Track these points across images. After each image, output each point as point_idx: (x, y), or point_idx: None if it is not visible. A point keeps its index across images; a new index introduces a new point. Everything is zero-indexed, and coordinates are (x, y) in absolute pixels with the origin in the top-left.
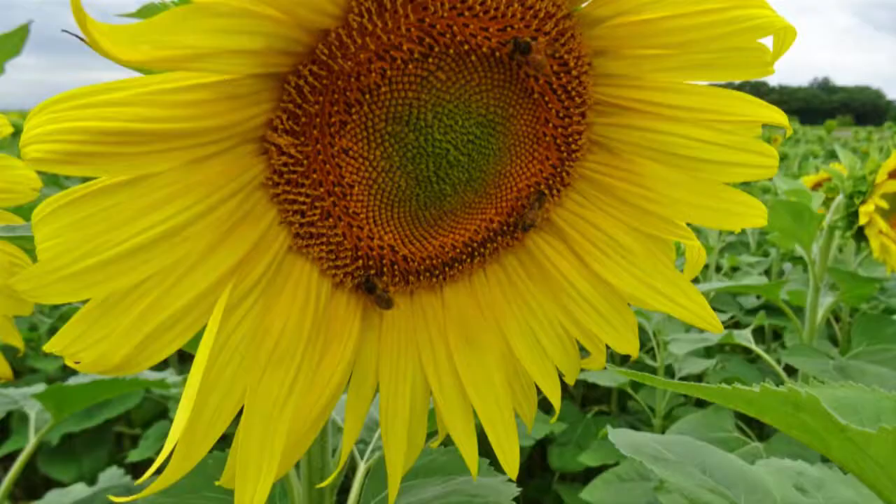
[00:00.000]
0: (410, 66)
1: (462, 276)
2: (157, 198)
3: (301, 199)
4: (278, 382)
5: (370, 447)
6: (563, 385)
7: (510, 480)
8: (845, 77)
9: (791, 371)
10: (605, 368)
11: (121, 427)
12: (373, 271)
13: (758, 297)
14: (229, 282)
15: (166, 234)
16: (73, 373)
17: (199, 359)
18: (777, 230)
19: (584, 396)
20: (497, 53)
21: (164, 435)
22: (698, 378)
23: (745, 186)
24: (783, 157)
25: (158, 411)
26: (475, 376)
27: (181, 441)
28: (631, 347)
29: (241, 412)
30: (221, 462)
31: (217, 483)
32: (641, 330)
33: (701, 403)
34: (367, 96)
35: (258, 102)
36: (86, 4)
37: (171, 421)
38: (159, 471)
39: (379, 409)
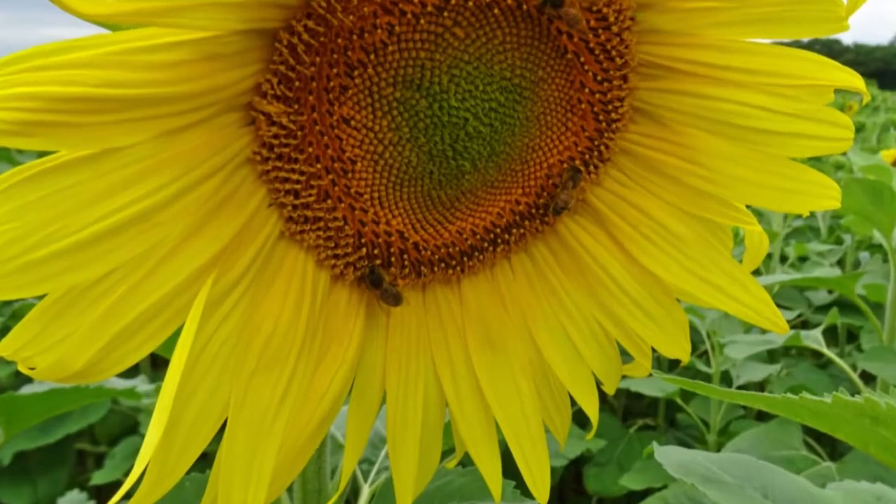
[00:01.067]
0: (422, 21)
1: (483, 267)
2: (125, 175)
3: (294, 177)
4: (268, 391)
5: (375, 467)
6: (602, 395)
7: None
8: None
9: (868, 378)
10: (651, 375)
11: (83, 444)
12: (378, 261)
13: (829, 291)
14: (210, 274)
15: (137, 218)
16: (28, 380)
17: (176, 363)
18: (852, 213)
19: (626, 408)
20: (524, 6)
21: (134, 453)
22: (760, 387)
23: (815, 162)
24: (859, 128)
25: (127, 426)
26: (498, 384)
27: (154, 460)
28: (681, 350)
29: (224, 426)
30: (201, 485)
31: None
32: (693, 330)
33: (763, 416)
34: (372, 57)
35: (244, 64)
36: None
37: (141, 437)
38: (128, 495)
39: (386, 422)
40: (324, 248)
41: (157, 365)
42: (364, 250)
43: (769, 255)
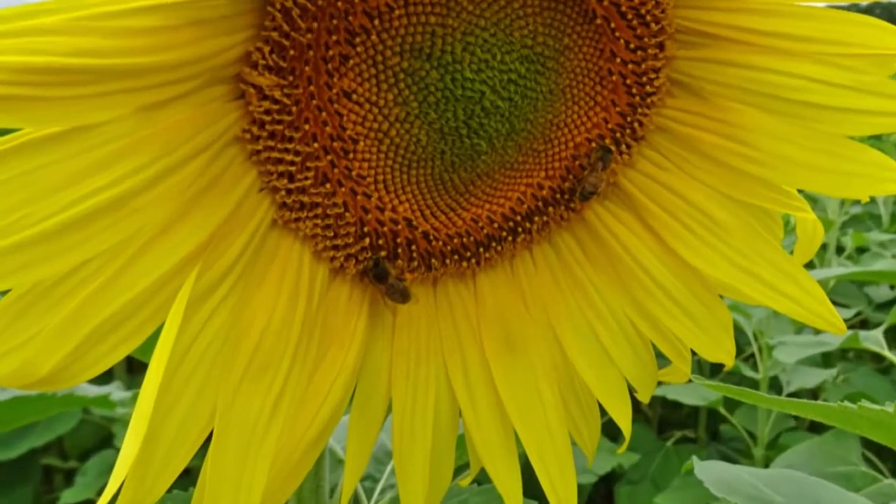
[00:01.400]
0: None
1: (501, 259)
2: (98, 156)
3: (288, 157)
4: (259, 398)
5: (380, 485)
6: (635, 403)
7: None
8: None
9: None
10: (691, 381)
11: (50, 459)
12: (384, 253)
13: (892, 287)
14: (194, 267)
15: (111, 205)
16: None
17: (155, 368)
18: None
19: (662, 418)
20: None
21: (109, 469)
22: (813, 394)
23: (875, 141)
24: None
25: (100, 438)
26: (518, 390)
27: (131, 476)
28: (724, 353)
29: (210, 438)
30: None
31: None
32: (738, 330)
33: (817, 428)
34: (376, 22)
35: (232, 30)
36: None
37: (117, 450)
38: None
39: (392, 434)
40: (322, 237)
41: (133, 370)
42: (367, 240)
43: (824, 246)
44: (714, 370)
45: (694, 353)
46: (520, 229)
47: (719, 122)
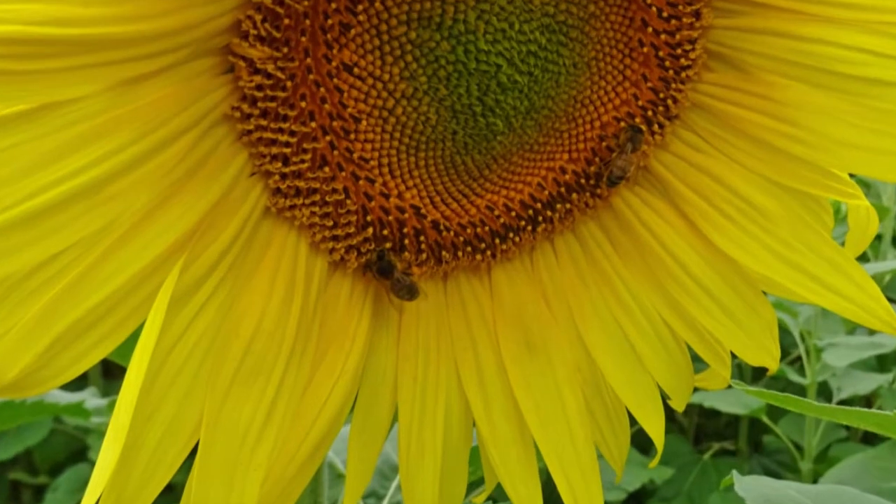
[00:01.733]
0: None
1: (520, 252)
2: (73, 136)
3: (283, 138)
4: (251, 406)
5: (385, 502)
6: (669, 412)
7: None
8: None
9: None
10: (731, 387)
11: (18, 473)
12: (389, 244)
13: None
14: (178, 259)
15: (86, 190)
16: None
17: (135, 372)
18: None
19: (699, 428)
20: None
21: (82, 485)
22: (866, 401)
23: None
24: None
25: (74, 450)
26: (538, 396)
27: (108, 493)
28: (767, 356)
29: (195, 450)
30: None
31: None
32: (783, 331)
33: (870, 439)
34: None
35: None
36: None
37: (91, 464)
38: None
39: (398, 446)
40: (320, 227)
41: (110, 374)
42: (370, 230)
43: (878, 237)
44: (756, 375)
45: (734, 356)
46: (540, 218)
47: (762, 99)
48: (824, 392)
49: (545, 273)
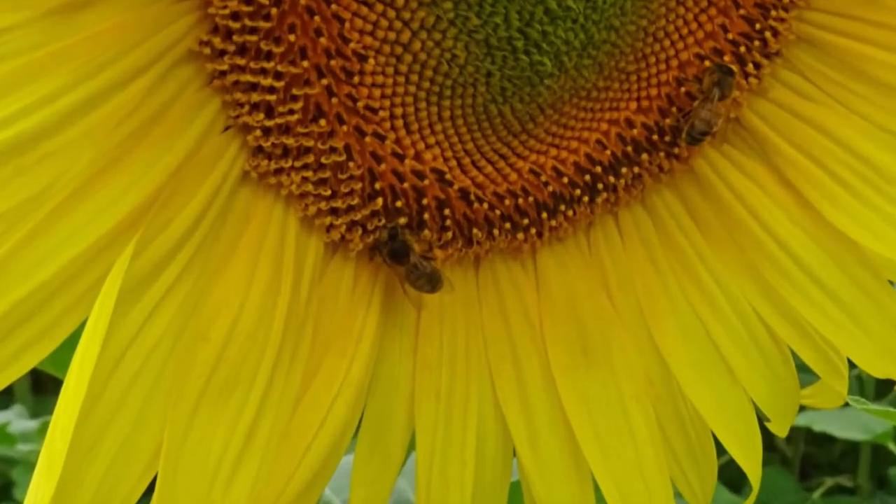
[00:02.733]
0: None
1: (573, 230)
2: None
3: (266, 82)
4: (224, 428)
5: None
6: (767, 436)
7: None
8: None
9: None
10: (848, 406)
11: None
12: (403, 220)
13: None
14: (131, 238)
15: (12, 148)
16: None
17: (74, 386)
18: None
19: (806, 459)
20: None
21: None
22: None
23: None
24: None
25: None
26: (597, 418)
27: None
28: (895, 365)
29: (152, 486)
30: None
31: None
32: None
33: None
34: None
35: None
36: None
37: None
38: None
39: (416, 482)
40: (314, 197)
41: (42, 389)
42: (380, 201)
43: None
44: (881, 390)
45: (852, 365)
46: (600, 185)
47: (889, 30)
48: None
49: (607, 257)
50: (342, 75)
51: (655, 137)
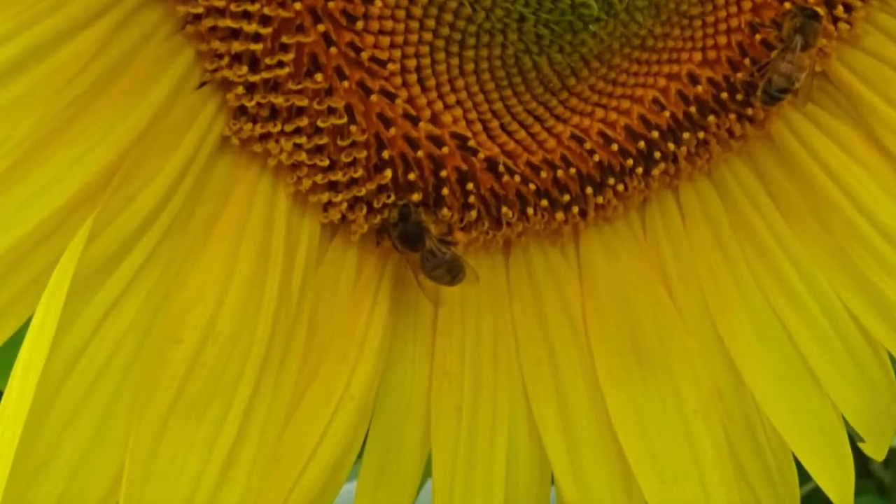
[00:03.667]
0: None
1: (624, 208)
2: None
3: (250, 27)
4: (199, 449)
5: None
6: (860, 459)
7: None
8: None
9: None
10: None
11: None
12: (418, 196)
13: None
14: (85, 219)
15: None
16: None
17: (17, 397)
18: None
19: None
20: None
21: None
22: None
23: None
24: None
25: None
26: (653, 438)
27: None
28: None
29: None
30: None
31: None
32: None
33: None
34: None
35: None
36: None
37: None
38: None
39: None
40: (309, 168)
41: None
42: (388, 173)
43: None
44: None
45: None
46: (657, 154)
47: None
48: None
49: (665, 241)
50: (343, 20)
51: (724, 96)
